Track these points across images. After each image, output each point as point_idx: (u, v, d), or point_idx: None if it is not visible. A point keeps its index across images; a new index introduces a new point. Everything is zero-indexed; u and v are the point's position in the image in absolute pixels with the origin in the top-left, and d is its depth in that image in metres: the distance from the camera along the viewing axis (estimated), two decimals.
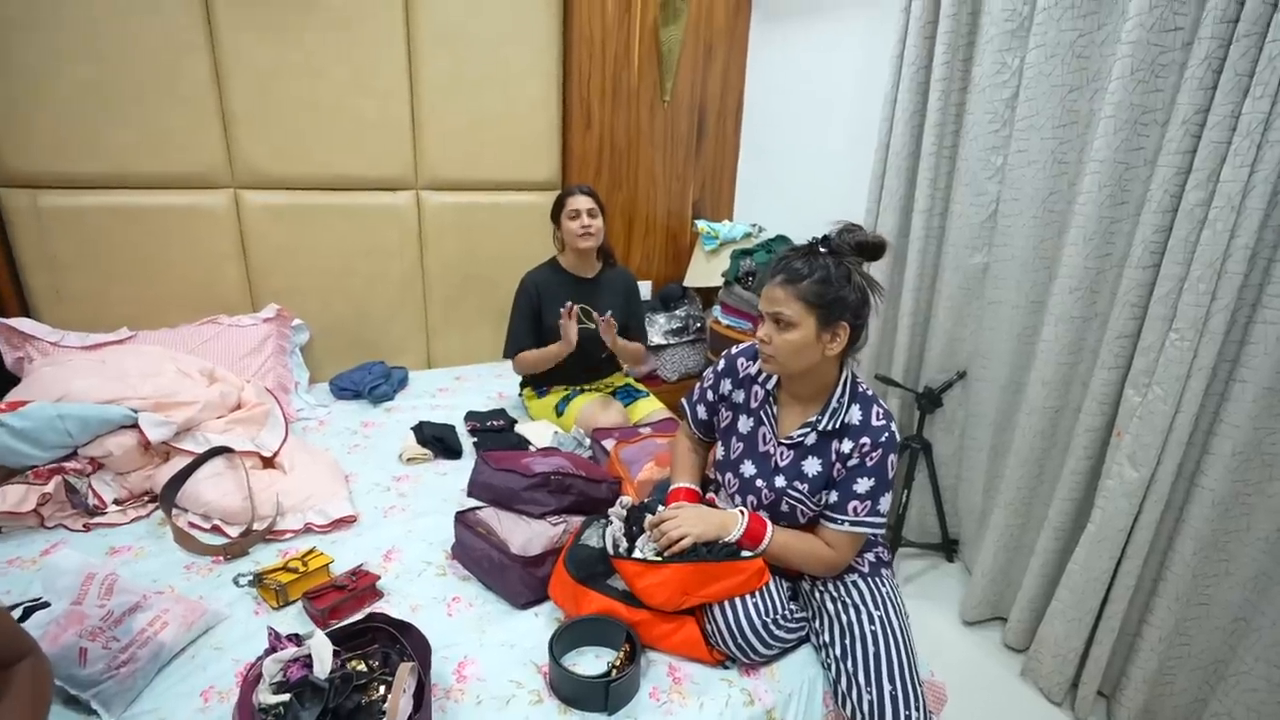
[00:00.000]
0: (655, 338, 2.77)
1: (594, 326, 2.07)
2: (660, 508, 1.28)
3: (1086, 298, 1.58)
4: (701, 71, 2.75)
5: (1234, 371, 1.34)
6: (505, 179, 2.52)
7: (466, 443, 1.93)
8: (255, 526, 1.42)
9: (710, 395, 1.35)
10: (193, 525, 1.46)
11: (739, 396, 1.30)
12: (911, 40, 1.86)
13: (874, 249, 1.14)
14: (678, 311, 2.86)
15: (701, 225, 2.76)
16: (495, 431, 1.96)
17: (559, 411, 2.06)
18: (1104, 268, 1.56)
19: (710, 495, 1.36)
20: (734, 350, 1.34)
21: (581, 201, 1.98)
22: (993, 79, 1.72)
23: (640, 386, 2.28)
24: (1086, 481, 1.65)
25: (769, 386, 1.25)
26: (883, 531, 1.19)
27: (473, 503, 1.47)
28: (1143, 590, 1.54)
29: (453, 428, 1.97)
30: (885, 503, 1.16)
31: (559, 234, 2.06)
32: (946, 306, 1.97)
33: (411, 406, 2.17)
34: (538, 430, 1.95)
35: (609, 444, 1.74)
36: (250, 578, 1.27)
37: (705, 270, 2.81)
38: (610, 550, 1.18)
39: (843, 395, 1.18)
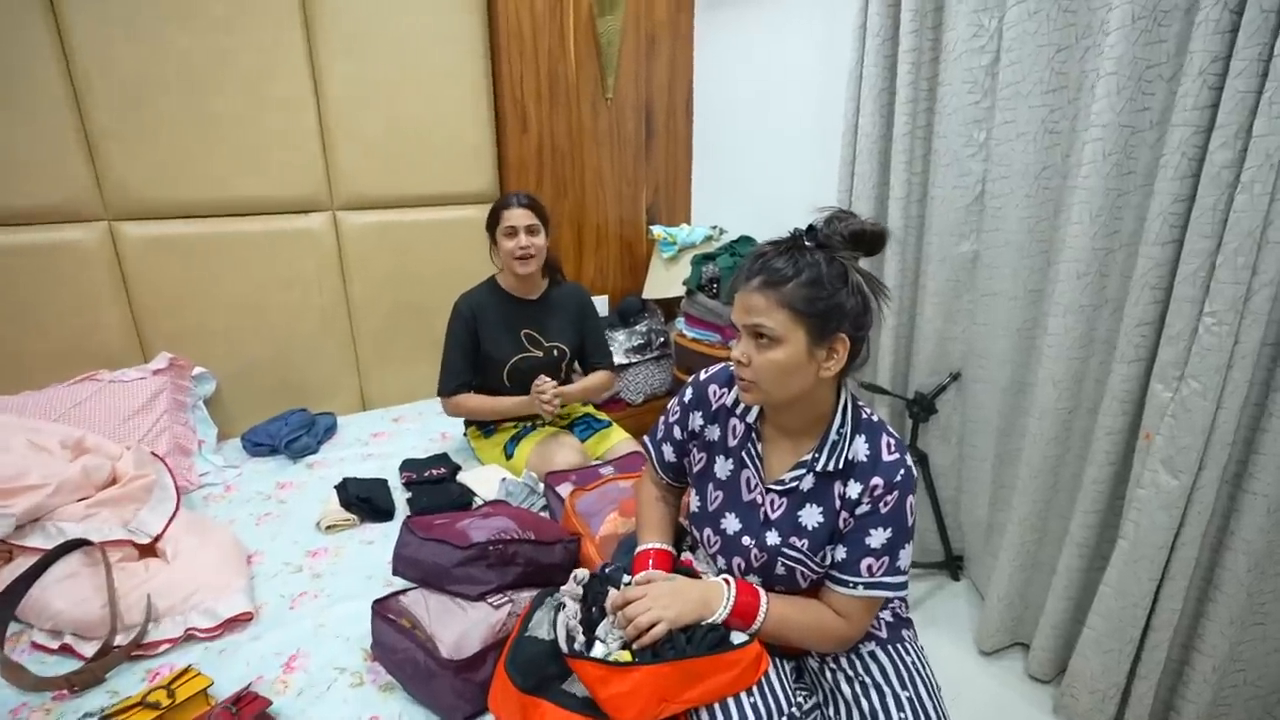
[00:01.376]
0: (617, 356, 2.53)
1: (541, 355, 1.81)
2: (625, 579, 1.03)
3: (1096, 283, 1.39)
4: (645, 64, 2.54)
5: None
6: (434, 193, 2.25)
7: (401, 499, 1.64)
8: (117, 642, 1.12)
9: (678, 432, 1.11)
10: (37, 646, 1.15)
11: (713, 433, 1.06)
12: (874, 8, 1.67)
13: (873, 239, 0.90)
14: (638, 327, 2.62)
15: (657, 231, 2.54)
16: (434, 483, 1.68)
17: (508, 453, 1.79)
18: (1112, 247, 1.38)
19: (686, 557, 1.11)
20: (703, 375, 1.09)
21: (518, 217, 1.72)
22: (969, 44, 1.54)
23: (601, 415, 2.03)
24: (1110, 490, 1.45)
25: (750, 419, 1.01)
26: (905, 592, 0.95)
27: (400, 583, 1.20)
28: (1187, 613, 1.34)
29: (384, 483, 1.68)
30: (906, 556, 0.93)
31: (495, 250, 1.80)
32: (934, 302, 1.77)
33: (339, 459, 1.88)
34: (484, 478, 1.68)
35: (565, 490, 1.48)
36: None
37: (665, 280, 2.58)
38: (564, 645, 0.92)
39: (843, 425, 0.95)
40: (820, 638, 0.95)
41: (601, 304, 2.71)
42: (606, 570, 1.08)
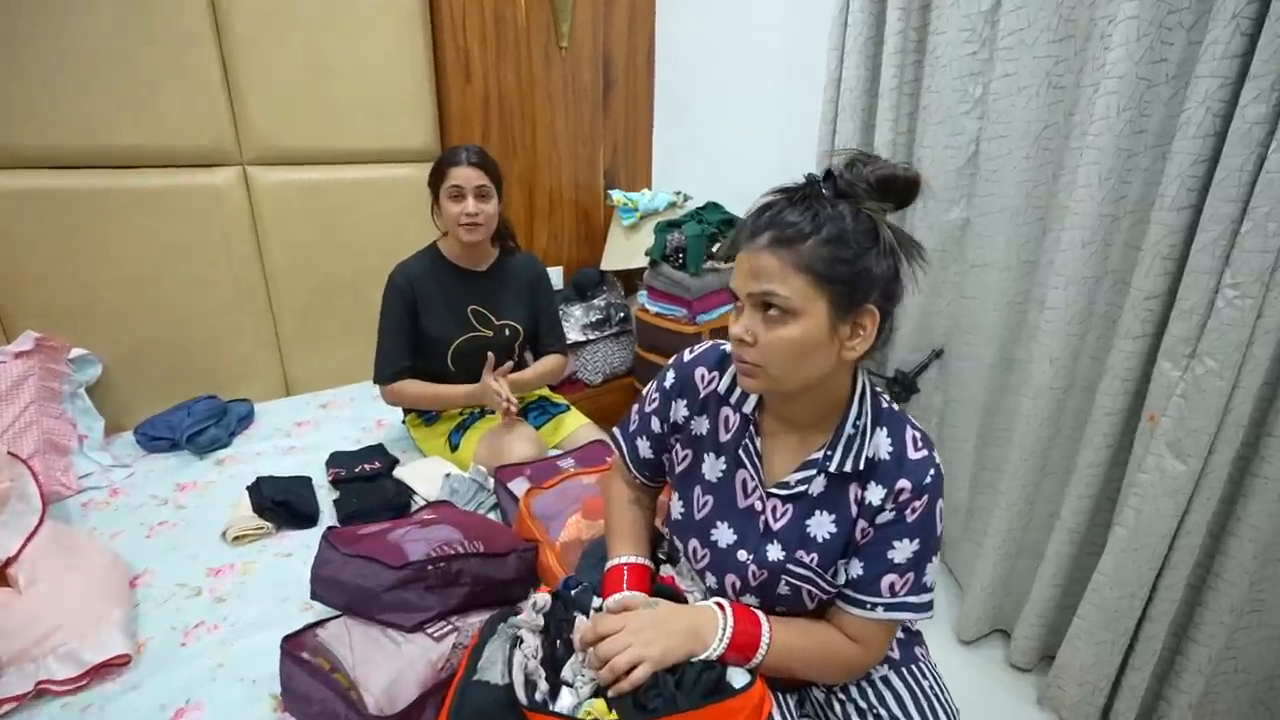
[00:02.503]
0: (573, 333, 2.33)
1: (490, 334, 1.60)
2: (595, 602, 0.86)
3: (1099, 253, 1.28)
4: (603, 9, 2.30)
5: None
6: (365, 148, 1.98)
7: (328, 500, 1.42)
8: None
9: (656, 424, 0.93)
10: None
11: (700, 426, 0.89)
12: None
13: (905, 187, 0.72)
14: (596, 301, 2.42)
15: (617, 196, 2.33)
16: (367, 480, 1.46)
17: (452, 444, 1.58)
18: (1118, 214, 1.26)
19: (667, 572, 0.94)
20: (688, 356, 0.92)
21: (467, 176, 1.47)
22: None
23: (558, 398, 1.84)
24: (1106, 474, 1.37)
25: (747, 409, 0.85)
26: (931, 613, 0.80)
27: (322, 608, 0.99)
28: (1184, 601, 1.28)
29: (307, 481, 1.45)
30: (933, 571, 0.80)
31: (438, 211, 1.56)
32: (919, 275, 1.64)
33: (254, 453, 1.63)
34: (425, 474, 1.47)
35: (519, 488, 1.29)
36: None
37: (625, 249, 2.38)
38: (522, 695, 0.74)
39: (860, 416, 0.79)
40: (830, 668, 0.81)
41: (556, 276, 2.50)
42: (572, 590, 0.90)
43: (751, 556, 0.83)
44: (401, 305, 1.53)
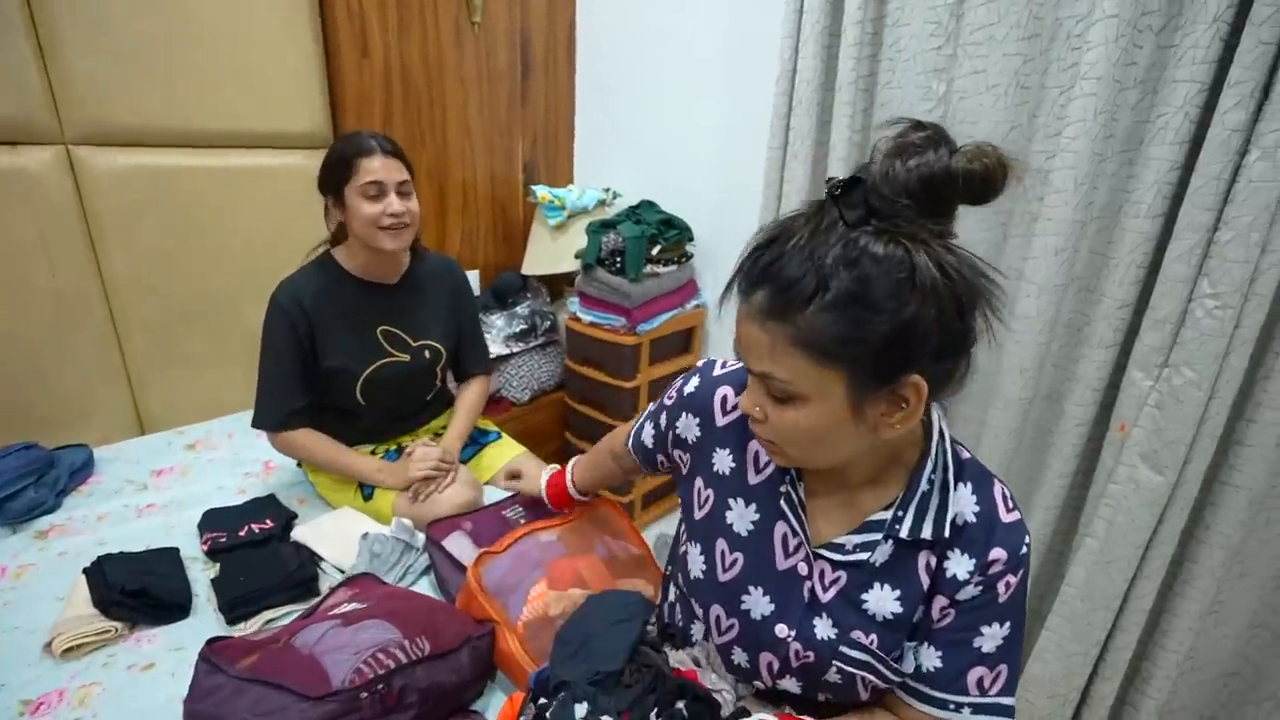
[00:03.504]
0: (495, 346, 2.08)
1: (407, 359, 1.34)
2: (579, 712, 0.67)
3: (1070, 260, 1.25)
4: None
5: (1271, 343, 1.08)
6: (238, 129, 1.63)
7: (204, 579, 1.11)
8: None
9: (664, 421, 0.81)
10: None
11: (723, 462, 0.73)
12: None
13: (980, 185, 0.54)
14: (519, 309, 2.18)
15: (542, 193, 2.11)
16: (256, 545, 1.16)
17: (365, 494, 1.31)
18: (1085, 220, 1.24)
19: (689, 667, 0.76)
20: (717, 370, 0.77)
21: (385, 168, 1.19)
22: None
23: (488, 425, 1.60)
24: (1073, 484, 1.35)
25: None
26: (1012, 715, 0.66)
27: None
28: (1154, 610, 1.28)
29: (173, 553, 1.13)
30: (1019, 659, 0.66)
31: (338, 215, 1.26)
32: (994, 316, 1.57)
33: (95, 517, 1.26)
34: (333, 532, 1.19)
35: (461, 551, 1.07)
36: None
37: (551, 252, 2.16)
38: None
39: (935, 470, 0.64)
40: None
41: (472, 281, 2.23)
42: (551, 698, 0.71)
43: (794, 633, 0.68)
44: (291, 334, 1.22)
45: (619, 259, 1.89)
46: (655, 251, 1.91)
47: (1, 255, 1.37)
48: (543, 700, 0.73)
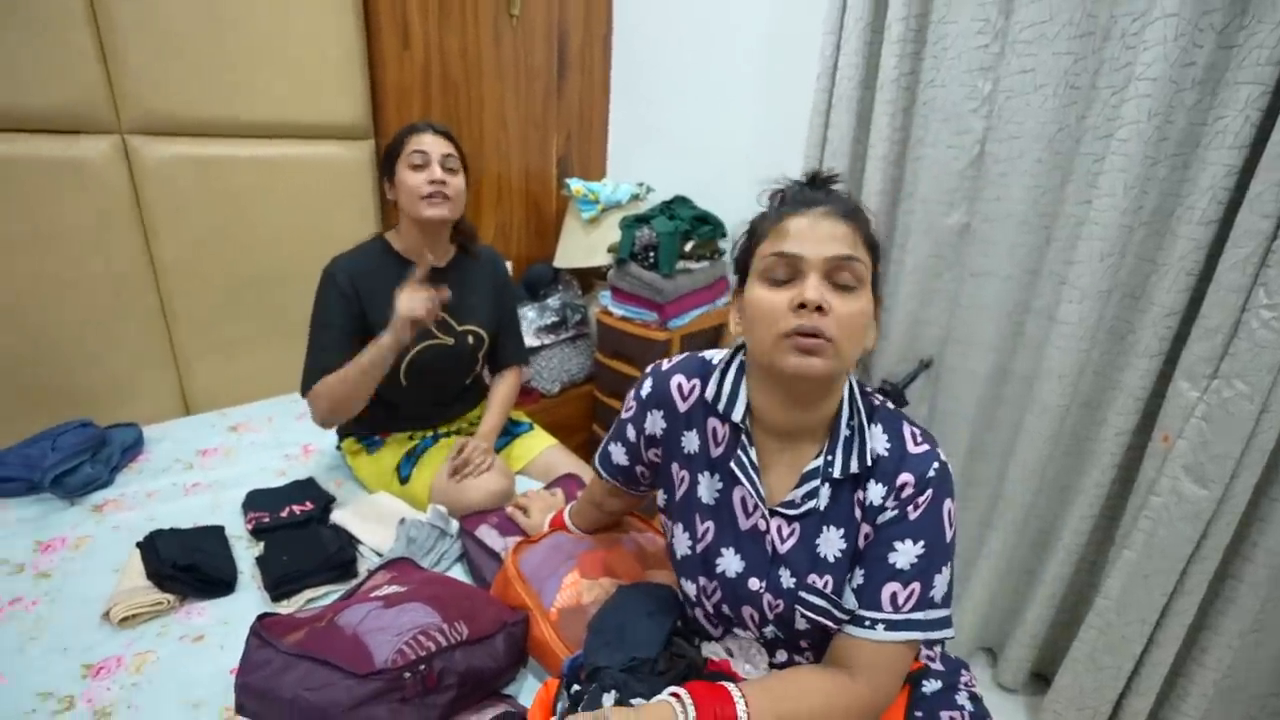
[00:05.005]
0: (526, 337, 2.09)
1: (451, 342, 1.37)
2: (608, 700, 0.69)
3: (1116, 264, 1.22)
4: None
5: None
6: (285, 120, 1.66)
7: (248, 556, 1.15)
8: None
9: (632, 432, 0.85)
10: None
11: (691, 442, 0.79)
12: None
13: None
14: (550, 301, 2.20)
15: (576, 186, 2.12)
16: (297, 526, 1.20)
17: (403, 478, 1.34)
18: (1133, 225, 1.21)
19: (721, 657, 0.79)
20: (665, 365, 0.84)
21: (432, 142, 1.25)
22: None
23: (520, 417, 1.63)
24: (1110, 493, 1.33)
25: (736, 416, 0.75)
26: (949, 633, 0.70)
27: None
28: (1193, 626, 1.25)
29: (219, 531, 1.18)
30: (944, 583, 0.70)
31: (391, 196, 1.30)
32: (911, 280, 1.55)
33: (146, 494, 1.32)
34: (371, 515, 1.23)
35: (491, 536, 1.09)
36: None
37: (583, 245, 2.17)
38: None
39: (853, 415, 0.73)
40: None
41: None
42: (585, 684, 0.72)
43: (764, 585, 0.74)
44: (344, 308, 1.25)
45: (652, 254, 1.89)
46: (688, 247, 1.91)
47: (61, 242, 1.42)
48: (577, 687, 0.74)
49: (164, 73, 1.47)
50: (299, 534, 1.18)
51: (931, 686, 0.79)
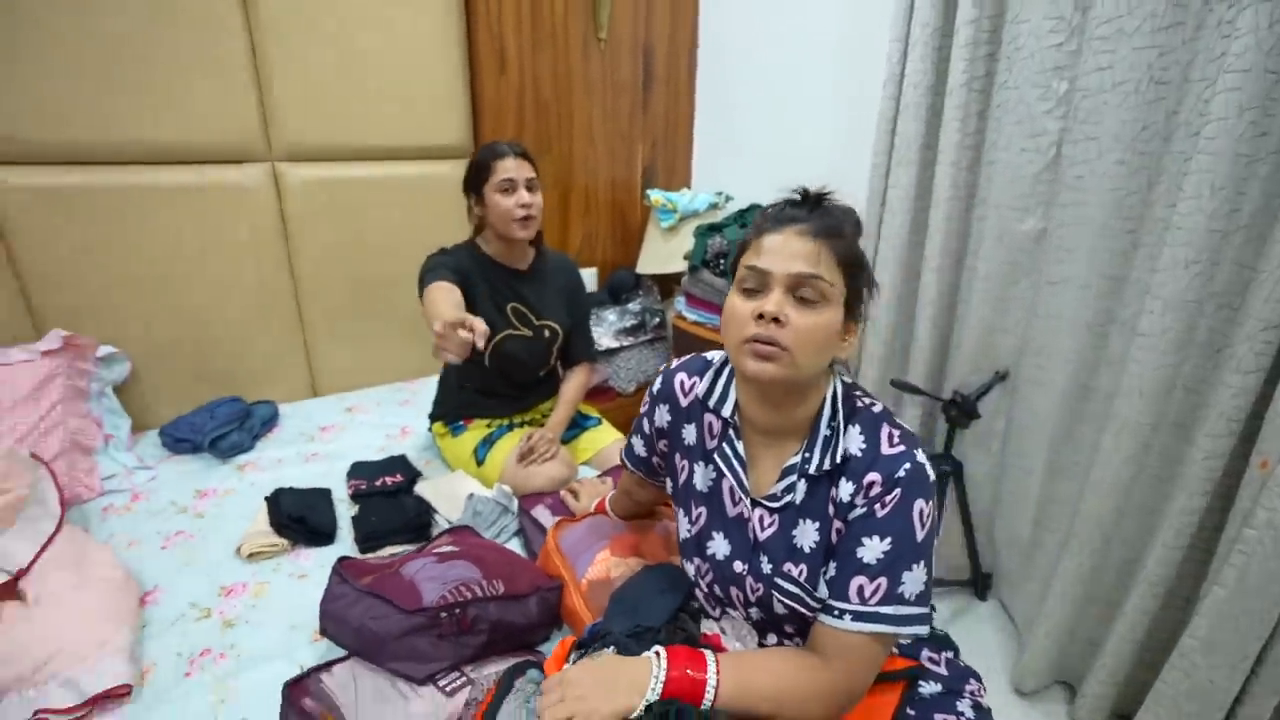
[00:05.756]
0: (606, 339, 2.24)
1: (529, 335, 1.52)
2: (605, 653, 0.77)
3: (1206, 272, 1.13)
4: (645, 1, 2.18)
5: None
6: (396, 144, 1.91)
7: (347, 516, 1.36)
8: None
9: (646, 425, 0.95)
10: None
11: (688, 434, 0.87)
12: None
13: (860, 229, 0.79)
14: (631, 305, 2.33)
15: (656, 196, 2.23)
16: (387, 495, 1.40)
17: (479, 459, 1.50)
18: (1228, 229, 1.10)
19: (713, 630, 0.86)
20: (674, 364, 0.92)
21: (517, 167, 1.40)
22: None
23: (590, 411, 1.75)
24: (1200, 523, 1.21)
25: (725, 412, 0.83)
26: (920, 630, 0.72)
27: (328, 646, 0.92)
28: None
29: (326, 494, 1.40)
30: (915, 582, 0.71)
31: (478, 211, 1.47)
32: (984, 288, 1.50)
33: (276, 459, 1.58)
34: (447, 491, 1.40)
35: (545, 516, 1.21)
36: None
37: (663, 253, 2.27)
38: None
39: (834, 416, 0.77)
40: (803, 700, 0.71)
41: (590, 278, 2.41)
42: (597, 636, 0.81)
43: (747, 568, 0.81)
44: (455, 269, 1.37)
45: (723, 261, 1.95)
46: None
47: (226, 252, 1.73)
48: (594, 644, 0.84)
49: (306, 108, 1.75)
50: (388, 501, 1.37)
51: (931, 689, 0.80)
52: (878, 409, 0.78)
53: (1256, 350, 1.07)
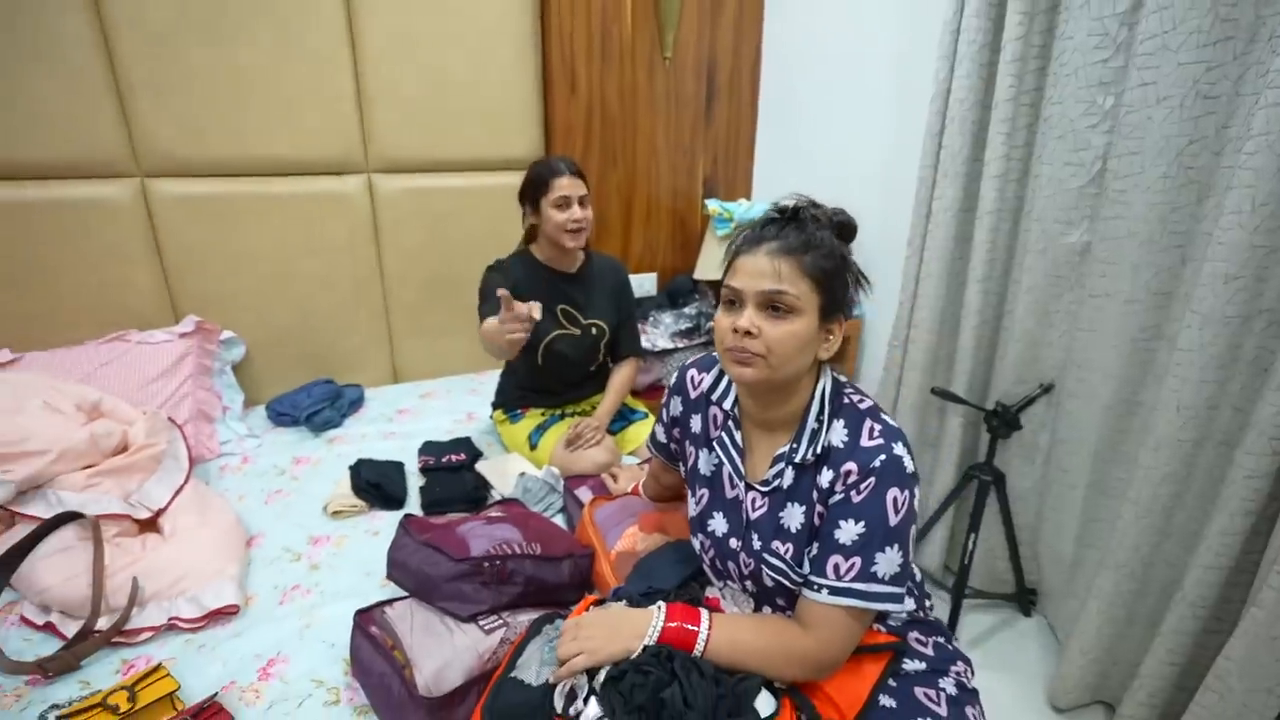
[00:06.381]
0: (661, 340, 2.35)
1: (578, 334, 1.66)
2: (617, 606, 0.89)
3: (1250, 289, 1.11)
4: (710, 21, 2.30)
5: None
6: (475, 157, 2.11)
7: (415, 485, 1.54)
8: (98, 626, 1.06)
9: (665, 416, 1.06)
10: (25, 620, 1.11)
11: (695, 424, 0.97)
12: None
13: (852, 230, 0.88)
14: (687, 309, 2.43)
15: (713, 206, 2.32)
16: (451, 470, 1.57)
17: (531, 443, 1.65)
18: (1275, 245, 1.09)
19: (713, 594, 0.96)
20: (689, 360, 1.03)
21: (572, 185, 1.54)
22: None
23: (637, 405, 1.87)
24: (1244, 544, 1.19)
25: (726, 405, 0.93)
26: (892, 607, 0.80)
27: (393, 589, 1.09)
28: None
29: (399, 466, 1.58)
30: (888, 563, 0.78)
31: (533, 219, 1.62)
32: (1028, 300, 1.51)
33: (360, 435, 1.80)
34: (503, 469, 1.55)
35: (586, 496, 1.34)
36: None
37: (718, 259, 2.35)
38: (559, 703, 0.78)
39: (821, 412, 0.85)
40: (785, 662, 0.81)
41: (650, 282, 2.54)
42: (621, 594, 0.93)
43: (740, 544, 0.90)
44: (506, 283, 1.50)
45: None
46: None
47: (327, 252, 1.98)
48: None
49: (399, 127, 1.98)
50: (451, 476, 1.54)
51: (915, 665, 0.86)
52: (865, 405, 0.85)
53: None
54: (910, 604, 0.88)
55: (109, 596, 1.10)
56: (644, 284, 2.52)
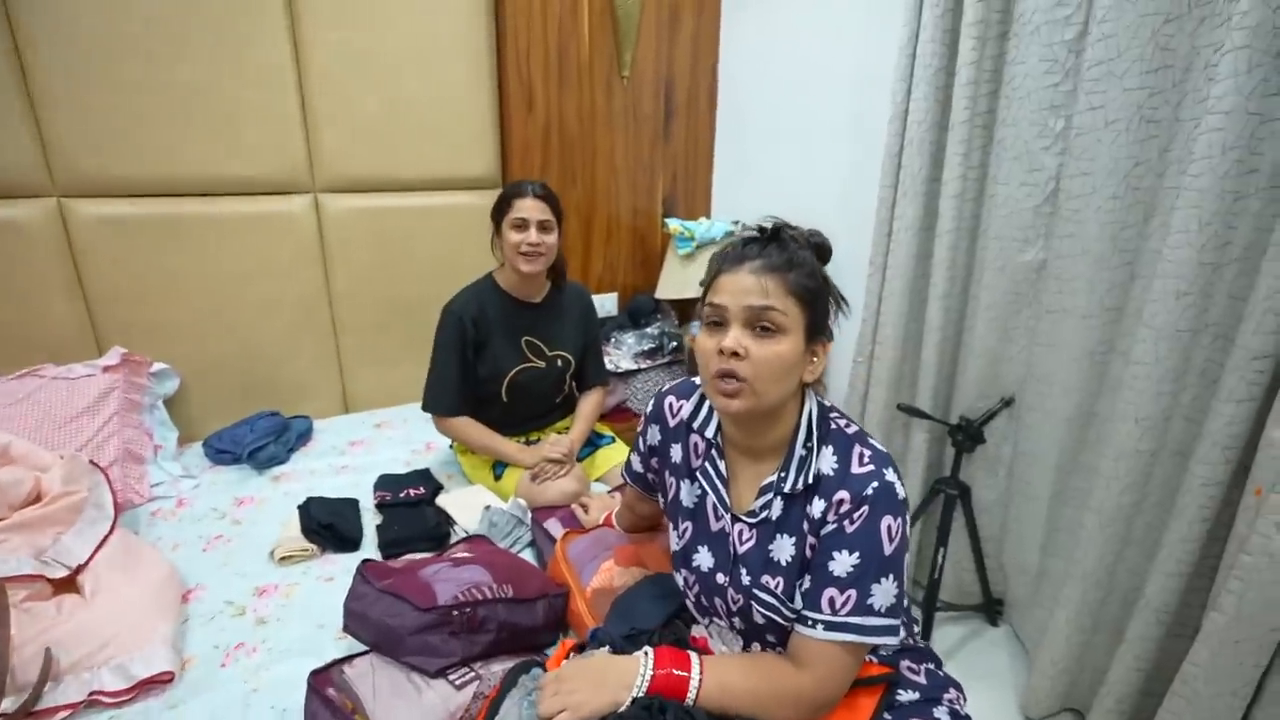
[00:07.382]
0: (625, 361, 2.31)
1: (543, 366, 1.60)
2: (599, 652, 0.83)
3: (1197, 304, 1.16)
4: (667, 39, 2.30)
5: None
6: (428, 176, 2.04)
7: (372, 524, 1.44)
8: (3, 708, 0.93)
9: (642, 444, 1.02)
10: None
11: (675, 453, 0.93)
12: None
13: (828, 252, 0.86)
14: (649, 329, 2.40)
15: (674, 225, 2.31)
16: (410, 505, 1.48)
17: (496, 474, 1.58)
18: (1220, 262, 1.14)
19: (700, 634, 0.91)
20: (666, 387, 1.00)
21: (531, 209, 1.48)
22: (1049, 14, 1.29)
23: (604, 429, 1.82)
24: (1202, 550, 1.22)
25: (708, 433, 0.89)
26: (889, 640, 0.77)
27: (351, 643, 1.00)
28: None
29: (354, 504, 1.49)
30: (884, 594, 0.75)
31: (498, 241, 1.57)
32: (987, 317, 1.54)
33: (309, 471, 1.69)
34: (466, 503, 1.48)
35: (556, 528, 1.27)
36: None
37: (680, 279, 2.35)
38: None
39: (809, 438, 0.82)
40: (777, 704, 0.77)
41: (611, 302, 2.50)
42: (599, 639, 0.87)
43: (728, 580, 0.85)
44: (460, 339, 1.52)
45: None
46: None
47: (267, 274, 1.87)
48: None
49: (348, 145, 1.89)
50: (411, 511, 1.46)
51: (908, 695, 0.84)
52: (852, 430, 0.83)
53: (1248, 380, 1.10)
54: (902, 632, 0.86)
55: (16, 672, 0.97)
56: (605, 304, 2.48)
